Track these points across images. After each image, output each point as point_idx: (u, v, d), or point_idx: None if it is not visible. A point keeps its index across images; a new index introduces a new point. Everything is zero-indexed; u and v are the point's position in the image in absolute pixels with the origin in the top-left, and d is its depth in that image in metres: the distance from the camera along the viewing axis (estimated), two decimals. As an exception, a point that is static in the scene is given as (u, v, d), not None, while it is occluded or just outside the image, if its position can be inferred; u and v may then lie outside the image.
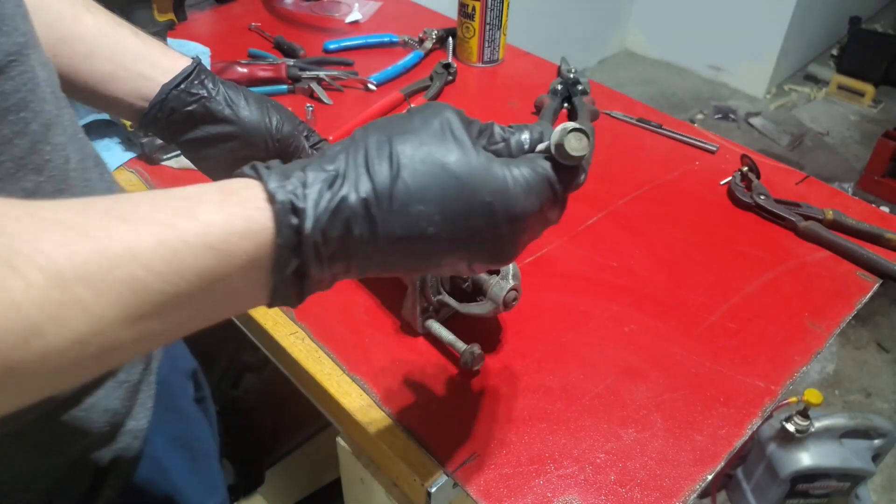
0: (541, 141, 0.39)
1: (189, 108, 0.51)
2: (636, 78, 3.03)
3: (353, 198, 0.32)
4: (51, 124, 0.40)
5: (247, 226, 0.30)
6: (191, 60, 0.52)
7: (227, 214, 0.30)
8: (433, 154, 0.34)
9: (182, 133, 0.52)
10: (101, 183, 0.47)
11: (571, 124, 0.36)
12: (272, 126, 0.53)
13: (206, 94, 0.51)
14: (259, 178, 0.32)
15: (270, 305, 0.33)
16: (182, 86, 0.50)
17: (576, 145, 0.36)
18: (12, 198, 0.27)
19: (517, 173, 0.35)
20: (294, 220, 0.31)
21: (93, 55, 0.49)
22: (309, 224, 0.31)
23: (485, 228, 0.35)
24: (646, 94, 2.89)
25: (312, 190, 0.32)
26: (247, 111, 0.52)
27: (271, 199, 0.31)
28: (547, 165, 0.37)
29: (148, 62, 0.50)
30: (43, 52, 0.41)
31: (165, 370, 0.58)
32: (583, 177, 0.39)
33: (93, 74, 0.49)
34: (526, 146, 0.38)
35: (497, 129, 0.39)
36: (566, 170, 0.37)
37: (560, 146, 0.36)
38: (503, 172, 0.35)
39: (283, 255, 0.31)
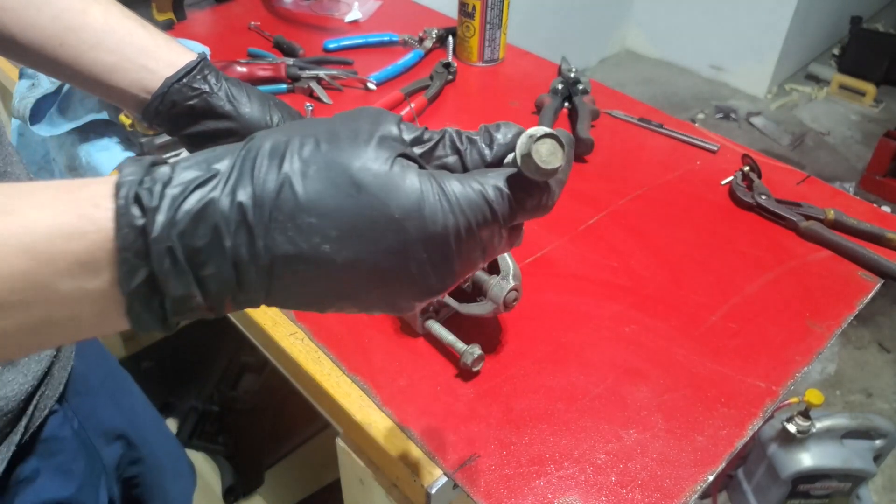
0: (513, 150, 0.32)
1: (190, 102, 0.50)
2: (637, 77, 3.03)
3: (224, 202, 0.27)
4: None
5: (77, 225, 0.26)
6: (196, 55, 0.52)
7: (55, 212, 0.26)
8: (336, 159, 0.28)
9: (183, 127, 0.52)
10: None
11: (542, 129, 0.29)
12: (273, 123, 0.53)
13: (207, 90, 0.51)
14: (120, 169, 0.28)
15: (137, 329, 0.29)
16: (184, 80, 0.50)
17: (546, 157, 0.29)
18: None
19: (439, 187, 0.29)
20: (139, 219, 0.26)
21: (98, 46, 0.49)
22: (158, 224, 0.26)
23: (396, 251, 0.29)
24: (646, 93, 2.89)
25: (175, 188, 0.27)
26: (248, 108, 0.52)
27: (115, 191, 0.27)
28: (489, 181, 0.30)
29: (153, 55, 0.50)
30: None
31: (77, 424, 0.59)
32: (550, 198, 0.32)
33: (97, 64, 0.49)
34: (488, 159, 0.32)
35: (450, 138, 0.33)
36: (526, 188, 0.30)
37: (527, 158, 0.29)
38: (420, 185, 0.29)
39: (126, 262, 0.26)
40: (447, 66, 0.99)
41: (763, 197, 0.76)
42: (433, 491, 0.50)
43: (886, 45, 2.83)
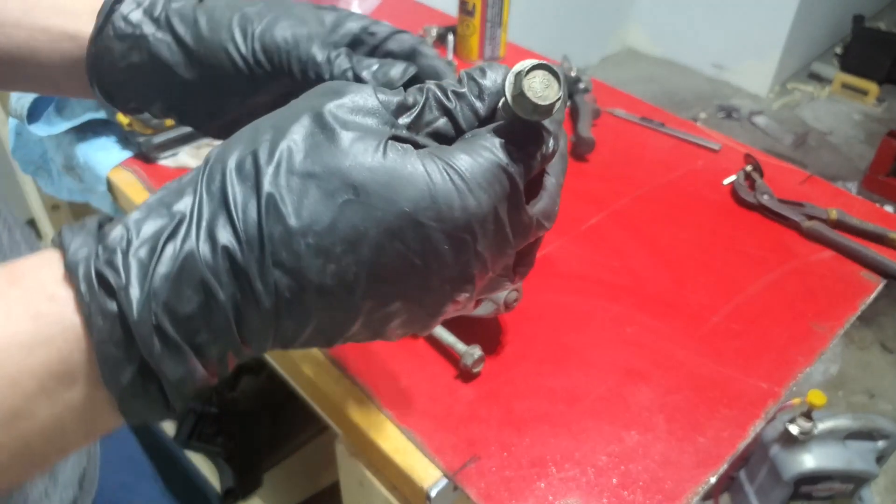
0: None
1: (127, 61, 0.36)
2: (638, 76, 3.02)
3: (205, 250, 0.23)
4: None
5: (35, 331, 0.21)
6: None
7: (2, 319, 0.21)
8: (320, 162, 0.24)
9: (171, 106, 0.38)
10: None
11: (529, 62, 0.25)
12: (239, 46, 0.34)
13: (138, 32, 0.35)
14: (61, 244, 0.22)
15: (136, 422, 0.24)
16: (106, 31, 0.36)
17: (542, 91, 0.25)
18: None
19: (446, 165, 0.24)
20: (110, 304, 0.21)
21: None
22: (135, 302, 0.21)
23: (415, 251, 0.24)
24: (648, 92, 2.88)
25: (140, 250, 0.22)
26: (194, 36, 0.35)
27: (70, 276, 0.22)
28: (496, 143, 0.25)
29: (63, 11, 0.37)
30: None
31: None
32: (554, 142, 0.27)
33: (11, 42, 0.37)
34: (481, 113, 0.27)
35: (433, 96, 0.27)
36: (529, 136, 0.26)
37: (520, 98, 0.25)
38: (425, 168, 0.24)
39: (108, 358, 0.22)
40: (447, 64, 0.99)
41: (765, 196, 0.75)
42: (433, 493, 0.50)
43: (889, 43, 2.82)
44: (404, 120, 0.26)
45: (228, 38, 0.34)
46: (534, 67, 0.25)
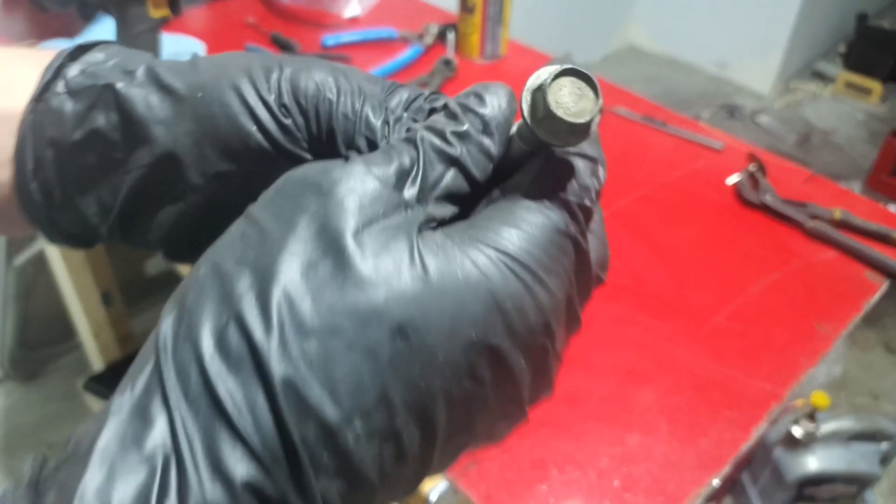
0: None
1: (84, 129, 0.24)
2: (640, 75, 3.01)
3: (218, 498, 0.15)
4: None
5: None
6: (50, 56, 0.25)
7: None
8: (336, 308, 0.17)
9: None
10: None
11: (548, 70, 0.19)
12: (259, 85, 0.23)
13: (101, 83, 0.24)
14: None
15: None
16: (53, 89, 0.24)
17: (573, 104, 0.19)
18: None
19: (496, 252, 0.18)
20: None
21: None
22: None
23: (490, 388, 0.19)
24: (650, 91, 2.87)
25: None
26: (163, 125, 0.23)
27: None
28: (542, 199, 0.19)
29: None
30: None
31: None
32: (603, 169, 0.22)
33: None
34: (494, 153, 0.20)
35: (431, 146, 0.20)
36: (570, 173, 0.20)
37: (552, 120, 0.19)
38: (477, 266, 0.18)
39: None
40: (447, 62, 0.98)
41: (769, 196, 0.75)
42: (434, 496, 0.49)
43: (893, 42, 2.81)
44: (410, 192, 0.19)
45: (243, 78, 0.23)
46: (559, 75, 0.19)
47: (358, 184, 0.18)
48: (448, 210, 0.20)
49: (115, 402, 0.17)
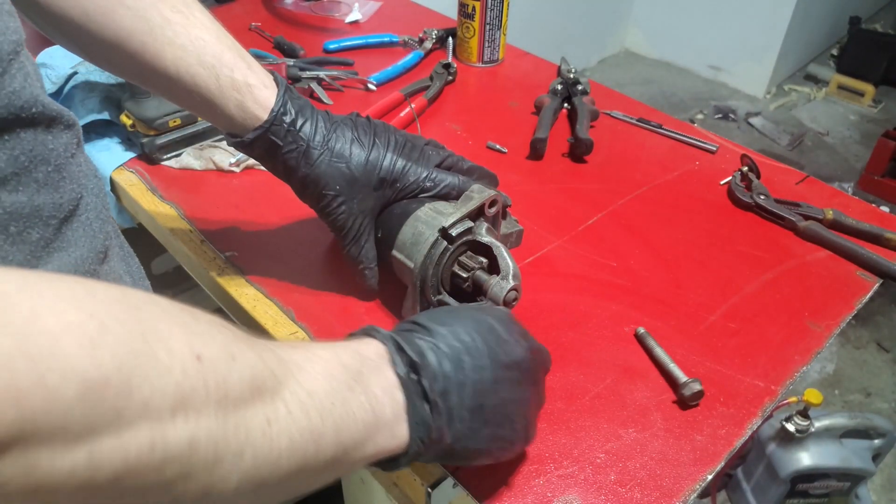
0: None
1: (286, 158, 0.55)
2: (636, 78, 3.03)
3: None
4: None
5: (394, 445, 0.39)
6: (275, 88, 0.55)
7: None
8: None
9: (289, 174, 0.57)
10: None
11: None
12: (383, 169, 0.57)
13: (302, 146, 0.55)
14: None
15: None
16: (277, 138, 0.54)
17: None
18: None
19: (515, 335, 0.47)
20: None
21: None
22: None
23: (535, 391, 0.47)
24: (645, 94, 2.89)
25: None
26: (348, 162, 0.57)
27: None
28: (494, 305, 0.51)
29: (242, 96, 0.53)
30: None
31: None
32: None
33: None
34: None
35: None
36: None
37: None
38: (522, 346, 0.46)
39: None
40: (447, 66, 1.00)
41: (762, 197, 0.76)
42: (433, 490, 0.50)
43: (885, 45, 2.83)
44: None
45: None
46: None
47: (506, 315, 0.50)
48: None
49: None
